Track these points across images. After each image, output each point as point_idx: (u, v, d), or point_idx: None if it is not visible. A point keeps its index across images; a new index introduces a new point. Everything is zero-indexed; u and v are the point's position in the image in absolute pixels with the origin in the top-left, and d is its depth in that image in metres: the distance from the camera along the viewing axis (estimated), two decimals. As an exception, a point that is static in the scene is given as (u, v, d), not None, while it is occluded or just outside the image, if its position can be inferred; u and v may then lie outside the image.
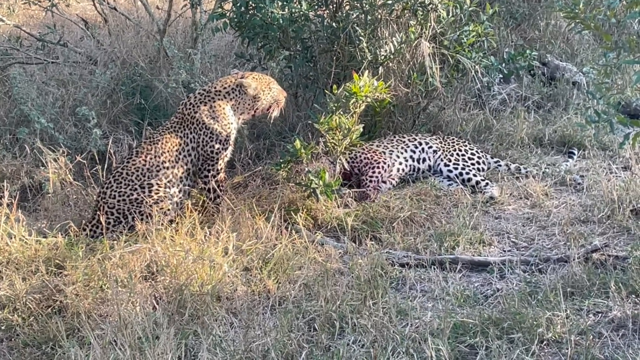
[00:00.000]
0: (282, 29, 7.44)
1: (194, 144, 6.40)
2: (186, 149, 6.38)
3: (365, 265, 5.44)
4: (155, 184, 6.19)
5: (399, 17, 7.71)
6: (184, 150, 6.37)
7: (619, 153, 7.65)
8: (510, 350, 4.59)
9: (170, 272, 5.34)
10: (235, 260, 5.61)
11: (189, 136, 6.39)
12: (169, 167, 6.27)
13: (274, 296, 5.30)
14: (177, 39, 9.48)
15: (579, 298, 5.16)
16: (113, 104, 8.08)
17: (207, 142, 6.40)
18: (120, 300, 4.93)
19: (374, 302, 5.09)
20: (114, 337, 4.68)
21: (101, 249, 5.68)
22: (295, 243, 5.84)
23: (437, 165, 7.37)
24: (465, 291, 5.38)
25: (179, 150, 6.34)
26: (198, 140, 6.40)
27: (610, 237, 6.07)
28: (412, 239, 6.12)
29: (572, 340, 4.60)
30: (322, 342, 4.79)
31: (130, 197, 6.14)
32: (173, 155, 6.31)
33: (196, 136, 6.40)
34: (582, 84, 9.20)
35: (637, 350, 4.54)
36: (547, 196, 6.86)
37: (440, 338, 4.63)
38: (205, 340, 4.73)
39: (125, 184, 6.16)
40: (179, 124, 6.45)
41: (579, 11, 4.63)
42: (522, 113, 8.55)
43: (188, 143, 6.39)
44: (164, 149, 6.29)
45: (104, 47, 9.31)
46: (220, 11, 7.60)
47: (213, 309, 5.09)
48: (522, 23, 10.15)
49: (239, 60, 8.15)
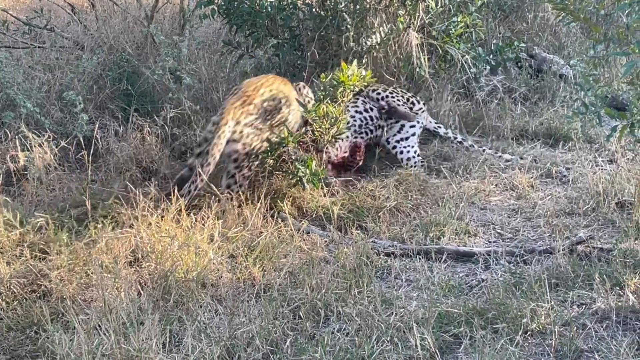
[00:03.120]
0: (270, 17, 7.43)
1: None
2: None
3: (350, 254, 5.44)
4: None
5: (388, 6, 7.71)
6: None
7: (605, 146, 7.66)
8: (494, 341, 4.60)
9: (156, 258, 5.33)
10: (221, 248, 5.60)
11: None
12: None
13: (259, 284, 5.29)
14: (165, 25, 9.45)
15: (564, 289, 5.18)
16: (99, 89, 8.04)
17: None
18: (105, 285, 4.91)
19: (359, 290, 5.09)
20: (98, 322, 4.66)
21: (87, 234, 5.67)
22: (281, 231, 5.84)
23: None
24: (450, 281, 5.38)
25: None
26: None
27: (595, 229, 6.08)
28: (398, 228, 6.12)
29: (556, 331, 4.62)
30: (306, 330, 4.79)
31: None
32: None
33: None
34: (569, 77, 9.21)
35: (620, 342, 4.56)
36: (533, 188, 6.86)
37: (424, 327, 4.63)
38: (190, 327, 4.73)
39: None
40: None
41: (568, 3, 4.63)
42: (509, 105, 8.57)
43: None
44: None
45: (91, 32, 9.26)
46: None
47: (198, 295, 5.09)
48: (510, 15, 10.16)
49: (226, 47, 8.12)
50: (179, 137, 7.13)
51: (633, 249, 5.45)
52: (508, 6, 10.05)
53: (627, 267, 5.26)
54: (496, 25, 9.76)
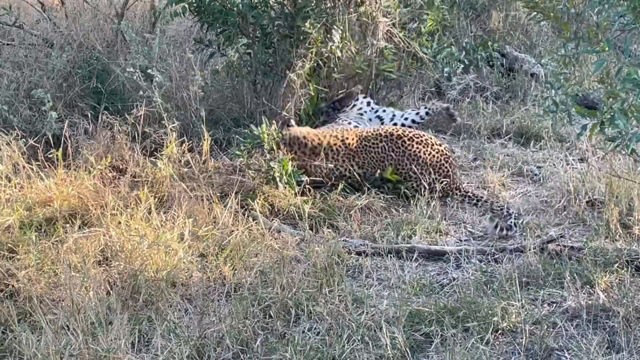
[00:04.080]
0: (242, 15, 7.40)
1: None
2: None
3: (321, 253, 5.41)
4: None
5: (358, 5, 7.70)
6: None
7: (576, 144, 7.69)
8: (465, 339, 4.60)
9: (125, 257, 5.29)
10: (191, 246, 5.57)
11: None
12: None
13: (230, 283, 5.26)
14: (135, 23, 9.40)
15: (534, 288, 5.19)
16: (69, 87, 7.98)
17: None
18: (73, 285, 4.86)
19: (330, 289, 5.07)
20: (66, 322, 4.62)
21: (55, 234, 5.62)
22: (252, 230, 5.81)
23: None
24: (421, 280, 5.38)
25: None
26: None
27: (565, 228, 6.10)
28: (369, 227, 6.11)
29: (527, 330, 4.62)
30: (277, 329, 4.77)
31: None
32: None
33: None
34: (541, 76, 9.24)
35: (590, 340, 4.57)
36: (504, 187, 6.88)
37: (395, 326, 4.62)
38: (160, 326, 4.69)
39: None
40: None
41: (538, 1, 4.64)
42: (481, 103, 8.58)
43: None
44: None
45: (60, 29, 9.18)
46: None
47: (168, 294, 5.05)
48: (481, 14, 10.18)
49: (197, 45, 8.08)
50: (149, 135, 7.08)
51: (603, 248, 5.47)
52: (480, 5, 10.07)
53: (597, 266, 5.28)
54: (468, 24, 9.78)
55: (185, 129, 7.39)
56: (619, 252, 5.39)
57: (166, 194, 6.33)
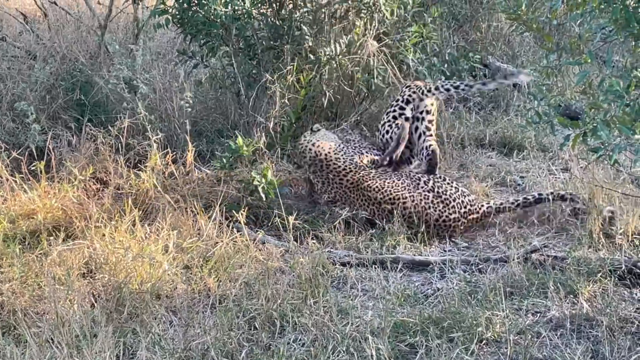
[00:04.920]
0: (225, 26, 7.40)
1: None
2: None
3: (306, 264, 5.42)
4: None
5: (343, 17, 7.73)
6: None
7: (559, 154, 7.73)
8: (449, 350, 4.61)
9: (109, 269, 5.28)
10: (176, 258, 5.56)
11: None
12: None
13: (215, 294, 5.26)
14: (119, 34, 9.40)
15: (518, 298, 5.20)
16: (52, 99, 7.96)
17: None
18: (57, 297, 4.86)
19: (315, 301, 5.08)
20: (50, 335, 4.61)
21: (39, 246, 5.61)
22: (236, 241, 5.81)
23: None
24: (405, 290, 5.39)
25: None
26: None
27: (549, 237, 6.13)
28: (354, 238, 6.12)
29: (511, 340, 4.63)
30: (262, 340, 4.77)
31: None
32: None
33: None
34: (523, 86, 9.27)
35: (574, 350, 4.58)
36: (488, 196, 6.90)
37: (380, 337, 4.63)
38: (144, 339, 4.69)
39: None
40: None
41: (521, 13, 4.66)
42: (464, 114, 8.61)
43: None
44: None
45: (43, 41, 9.18)
46: (162, 7, 7.54)
47: (152, 307, 5.04)
48: (464, 24, 10.22)
49: (180, 57, 8.09)
50: (133, 147, 7.07)
51: (587, 257, 5.49)
52: (462, 16, 10.11)
53: (580, 275, 5.30)
54: (450, 35, 9.81)
55: (169, 140, 7.39)
56: (602, 261, 5.42)
57: (150, 206, 6.33)
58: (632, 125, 4.11)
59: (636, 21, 3.95)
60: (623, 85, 4.11)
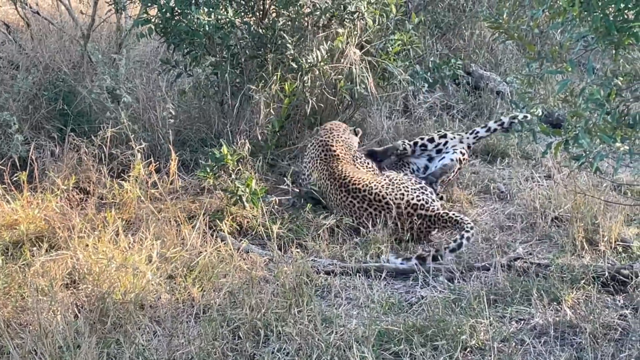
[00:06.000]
0: (208, 36, 7.40)
1: None
2: None
3: (290, 273, 5.41)
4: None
5: (326, 25, 7.74)
6: None
7: (542, 162, 7.76)
8: (434, 358, 4.61)
9: (93, 280, 5.26)
10: (159, 268, 5.55)
11: None
12: None
13: (199, 304, 5.25)
14: (102, 44, 9.37)
15: (502, 305, 5.22)
16: (35, 109, 7.94)
17: None
18: (40, 308, 4.84)
19: (299, 309, 5.07)
20: (34, 347, 4.59)
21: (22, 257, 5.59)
22: (220, 250, 5.80)
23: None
24: (390, 299, 5.39)
25: None
26: None
27: (532, 245, 6.15)
28: (338, 247, 6.12)
29: (495, 347, 4.64)
30: (246, 350, 4.76)
31: None
32: None
33: None
34: (506, 94, 9.32)
35: (558, 357, 4.60)
36: (472, 204, 6.92)
37: (365, 345, 4.63)
38: (128, 349, 4.67)
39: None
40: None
41: (502, 21, 4.68)
42: (447, 121, 8.63)
43: None
44: None
45: (26, 51, 9.15)
46: (145, 17, 7.53)
47: (136, 317, 5.03)
48: (447, 32, 10.25)
49: (164, 66, 8.08)
50: (116, 156, 7.06)
51: (570, 264, 5.51)
52: (445, 24, 10.15)
53: (564, 282, 5.32)
54: (434, 43, 9.85)
55: (152, 149, 7.38)
56: (585, 268, 5.44)
57: (134, 216, 6.32)
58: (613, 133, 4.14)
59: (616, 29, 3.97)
60: (604, 93, 4.13)
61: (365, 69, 7.83)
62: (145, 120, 7.70)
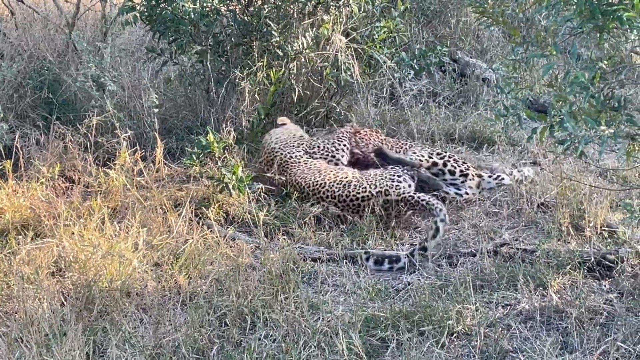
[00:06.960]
0: (194, 23, 7.37)
1: None
2: None
3: (277, 260, 5.41)
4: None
5: (312, 13, 7.73)
6: None
7: (527, 148, 7.77)
8: (420, 343, 4.62)
9: (79, 267, 5.25)
10: (146, 256, 5.54)
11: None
12: None
13: (185, 291, 5.25)
14: (87, 32, 9.34)
15: (488, 291, 5.23)
16: (20, 98, 7.91)
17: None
18: (26, 296, 4.82)
19: (286, 296, 5.07)
20: (19, 334, 4.58)
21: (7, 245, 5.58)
22: (206, 238, 5.79)
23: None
24: (376, 285, 5.40)
25: None
26: None
27: (518, 230, 6.16)
28: (324, 233, 6.12)
29: (482, 333, 4.66)
30: (233, 337, 4.76)
31: None
32: None
33: None
34: (492, 81, 9.33)
35: (544, 342, 4.61)
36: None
37: (351, 332, 4.63)
38: (115, 337, 4.67)
39: None
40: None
41: (487, 6, 4.68)
42: (434, 109, 8.64)
43: None
44: None
45: (10, 40, 9.09)
46: (130, 4, 7.50)
47: (122, 304, 5.02)
48: (433, 20, 10.25)
49: (149, 54, 8.05)
50: (102, 145, 7.04)
51: (556, 250, 5.52)
52: (431, 11, 10.14)
53: (550, 268, 5.33)
54: (419, 30, 9.84)
55: (138, 137, 7.37)
56: (571, 253, 5.45)
57: (119, 204, 6.31)
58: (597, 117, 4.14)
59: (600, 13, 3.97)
60: (588, 77, 4.13)
61: (351, 56, 7.83)
62: (130, 109, 7.68)
